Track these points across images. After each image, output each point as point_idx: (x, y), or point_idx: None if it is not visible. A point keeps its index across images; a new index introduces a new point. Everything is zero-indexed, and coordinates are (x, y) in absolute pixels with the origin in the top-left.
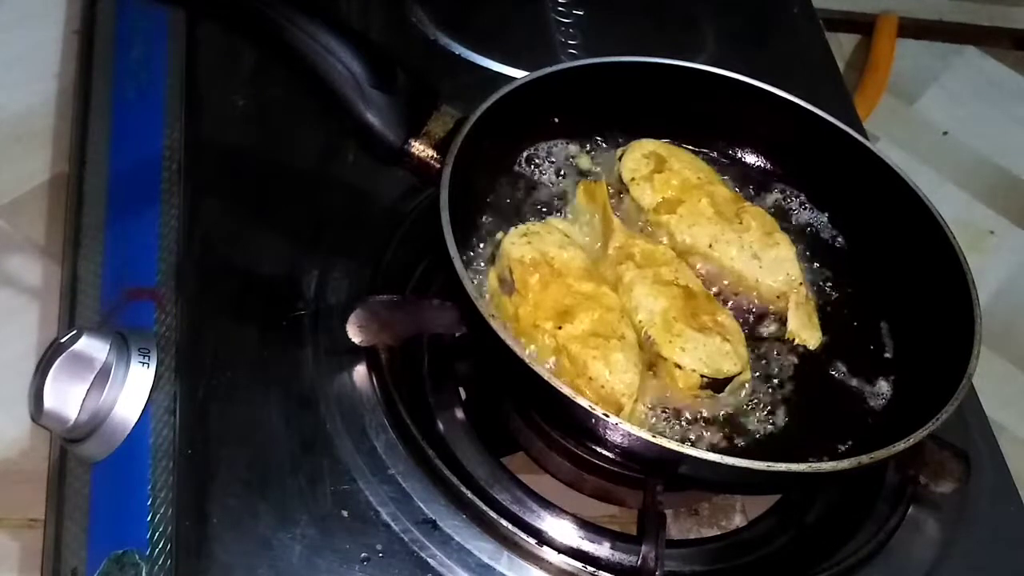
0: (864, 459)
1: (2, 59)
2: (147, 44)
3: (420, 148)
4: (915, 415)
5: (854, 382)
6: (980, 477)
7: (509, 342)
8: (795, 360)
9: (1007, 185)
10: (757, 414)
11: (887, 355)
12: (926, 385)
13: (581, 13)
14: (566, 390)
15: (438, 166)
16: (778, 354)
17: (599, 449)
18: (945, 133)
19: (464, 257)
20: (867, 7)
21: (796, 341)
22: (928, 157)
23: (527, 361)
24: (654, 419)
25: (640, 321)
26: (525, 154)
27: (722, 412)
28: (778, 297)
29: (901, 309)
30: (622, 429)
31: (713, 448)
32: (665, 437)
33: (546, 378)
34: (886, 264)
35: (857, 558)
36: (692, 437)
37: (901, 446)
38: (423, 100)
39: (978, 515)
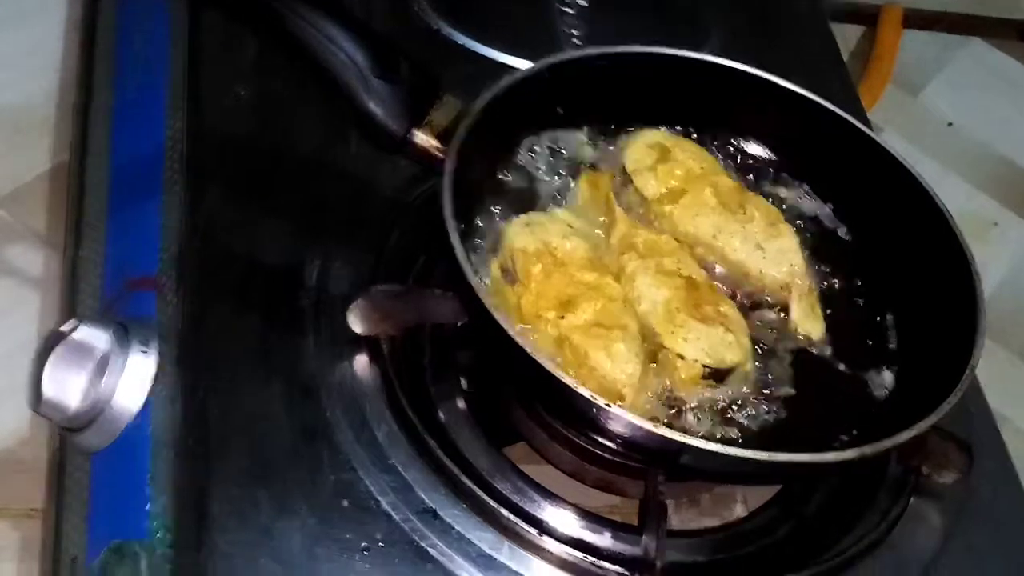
0: (867, 450)
1: (5, 50)
2: (149, 34)
3: (423, 138)
4: (918, 405)
5: (857, 372)
6: (983, 468)
7: (511, 332)
8: (798, 350)
9: (1012, 176)
10: (759, 404)
11: (891, 345)
12: (929, 376)
13: (585, 4)
14: (568, 380)
15: (441, 156)
16: (781, 344)
17: (600, 439)
18: (950, 124)
19: (466, 246)
20: None
21: (799, 332)
22: (933, 148)
23: (529, 351)
24: (656, 410)
25: (642, 311)
26: (528, 144)
27: (724, 402)
28: (781, 288)
29: (905, 300)
30: (624, 419)
31: (714, 438)
32: (667, 427)
33: (548, 367)
34: (890, 255)
35: (859, 548)
36: (694, 427)
37: (904, 436)
38: (426, 90)
39: (980, 506)
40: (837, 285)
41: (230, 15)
